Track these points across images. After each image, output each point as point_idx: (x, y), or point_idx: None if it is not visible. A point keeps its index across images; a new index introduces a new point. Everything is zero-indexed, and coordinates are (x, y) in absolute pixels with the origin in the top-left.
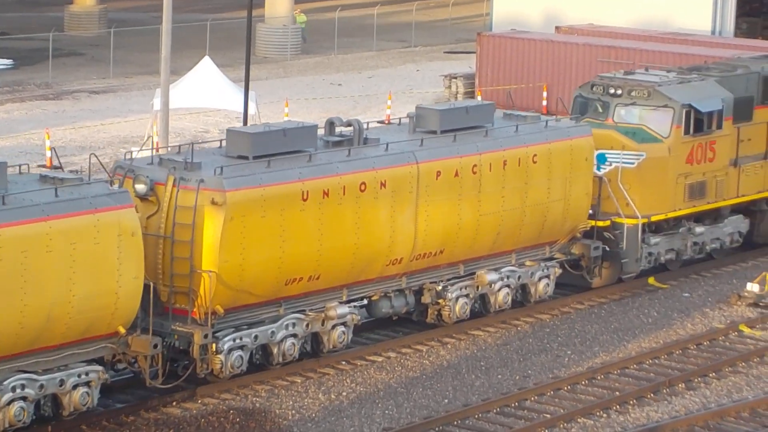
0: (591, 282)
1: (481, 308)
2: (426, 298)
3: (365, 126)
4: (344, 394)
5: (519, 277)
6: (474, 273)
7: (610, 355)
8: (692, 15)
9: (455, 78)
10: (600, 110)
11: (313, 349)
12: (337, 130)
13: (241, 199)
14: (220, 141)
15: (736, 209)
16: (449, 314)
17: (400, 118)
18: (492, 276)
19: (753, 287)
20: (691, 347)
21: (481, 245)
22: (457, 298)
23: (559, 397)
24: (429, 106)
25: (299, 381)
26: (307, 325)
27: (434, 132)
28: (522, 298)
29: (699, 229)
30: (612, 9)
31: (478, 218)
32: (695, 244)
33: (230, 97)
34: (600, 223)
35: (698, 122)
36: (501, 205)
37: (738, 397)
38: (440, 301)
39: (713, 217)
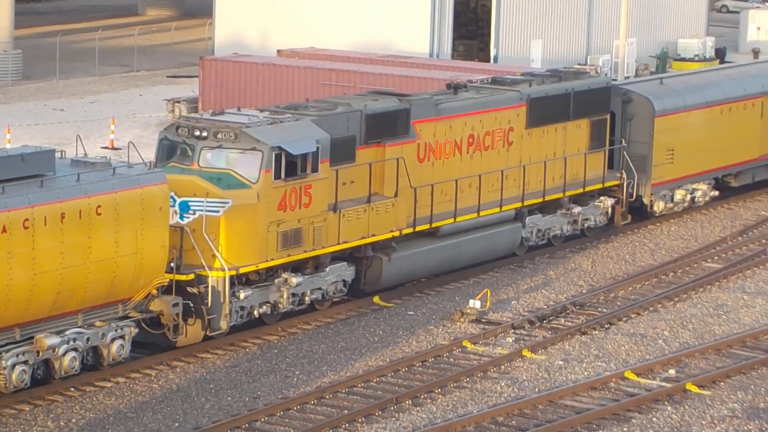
0: (175, 341)
1: (45, 374)
2: None
3: None
4: (74, 420)
5: (88, 339)
6: (33, 337)
7: (338, 374)
8: (411, 38)
9: (178, 102)
10: (187, 154)
11: None
12: None
13: None
14: None
15: (338, 257)
16: (5, 383)
17: None
18: (53, 340)
19: (475, 304)
20: (417, 364)
21: (39, 307)
22: (13, 366)
23: (288, 417)
24: None
25: (27, 409)
26: None
27: None
28: (95, 361)
29: (296, 279)
30: (333, 33)
31: (32, 278)
32: (294, 295)
33: None
34: (182, 277)
35: (291, 165)
36: (60, 263)
37: (463, 411)
38: None
39: (314, 265)
